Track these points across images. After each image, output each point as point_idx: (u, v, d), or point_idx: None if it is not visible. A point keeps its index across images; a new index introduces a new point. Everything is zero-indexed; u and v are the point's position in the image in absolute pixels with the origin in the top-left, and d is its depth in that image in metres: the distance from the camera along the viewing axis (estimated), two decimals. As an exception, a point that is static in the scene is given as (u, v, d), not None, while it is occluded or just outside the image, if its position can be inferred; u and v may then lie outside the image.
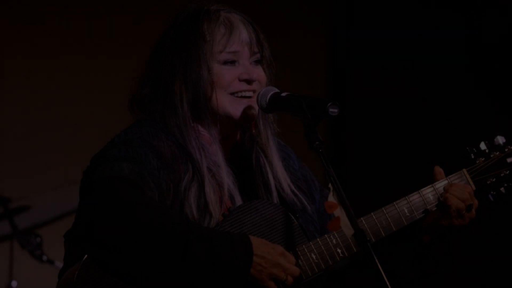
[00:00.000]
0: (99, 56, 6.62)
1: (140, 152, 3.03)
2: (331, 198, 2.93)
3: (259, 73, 3.25)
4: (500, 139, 3.39)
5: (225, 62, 3.22)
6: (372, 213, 3.24)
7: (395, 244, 3.33)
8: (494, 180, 3.36)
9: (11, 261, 5.95)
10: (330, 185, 2.93)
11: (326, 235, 3.17)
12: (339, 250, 3.16)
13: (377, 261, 2.81)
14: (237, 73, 3.22)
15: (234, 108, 3.21)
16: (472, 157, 3.38)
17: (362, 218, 3.22)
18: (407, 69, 6.85)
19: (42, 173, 6.47)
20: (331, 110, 3.00)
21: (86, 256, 2.93)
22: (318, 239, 3.16)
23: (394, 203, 3.27)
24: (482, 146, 3.39)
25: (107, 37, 6.64)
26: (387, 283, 2.80)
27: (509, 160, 3.37)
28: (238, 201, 3.18)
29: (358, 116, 7.03)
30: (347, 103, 7.00)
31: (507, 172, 3.36)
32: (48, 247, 5.85)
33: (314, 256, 3.14)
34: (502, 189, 3.37)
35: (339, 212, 2.92)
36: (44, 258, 5.82)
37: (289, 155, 3.42)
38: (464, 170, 3.35)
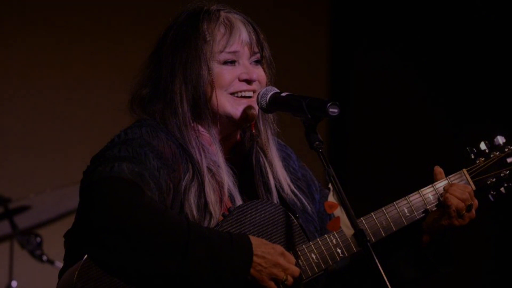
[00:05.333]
0: (99, 56, 6.62)
1: (140, 152, 3.02)
2: (331, 198, 2.93)
3: (259, 73, 3.25)
4: (500, 139, 3.39)
5: (225, 62, 3.22)
6: (372, 213, 3.24)
7: (395, 244, 3.33)
8: (494, 180, 3.36)
9: (11, 261, 5.95)
10: (330, 185, 2.93)
11: (326, 235, 3.17)
12: (339, 250, 3.16)
13: (377, 261, 2.81)
14: (237, 73, 3.22)
15: (234, 108, 3.21)
16: (472, 157, 3.38)
17: (362, 218, 3.22)
18: (407, 69, 6.85)
19: (42, 173, 6.47)
20: (331, 110, 2.99)
21: (86, 256, 2.93)
22: (318, 239, 3.16)
23: (394, 203, 3.27)
24: (482, 146, 3.39)
25: (107, 37, 6.64)
26: (387, 283, 2.80)
27: (509, 160, 3.37)
28: (238, 201, 3.18)
29: (358, 116, 7.03)
30: (347, 103, 7.00)
31: (507, 172, 3.36)
32: (48, 247, 5.84)
33: (314, 256, 3.14)
34: (502, 189, 3.37)
35: (339, 212, 2.92)
36: (44, 258, 5.81)
37: (289, 155, 3.42)
38: (464, 170, 3.35)
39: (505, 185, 3.37)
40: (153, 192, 2.96)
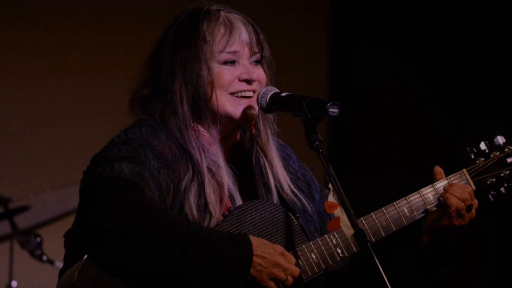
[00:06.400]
0: (99, 56, 6.62)
1: (140, 152, 3.02)
2: (331, 198, 2.93)
3: (259, 73, 3.25)
4: (500, 139, 3.39)
5: (225, 62, 3.22)
6: (372, 213, 3.24)
7: (395, 244, 3.32)
8: (494, 180, 3.36)
9: (11, 261, 5.95)
10: (330, 185, 2.93)
11: (326, 235, 3.17)
12: (339, 250, 3.16)
13: (377, 261, 2.81)
14: (237, 73, 3.22)
15: (234, 108, 3.21)
16: (472, 157, 3.38)
17: (362, 218, 3.22)
18: (407, 69, 6.85)
19: (42, 173, 6.47)
20: (331, 110, 2.99)
21: (86, 256, 2.93)
22: (318, 239, 3.16)
23: (394, 203, 3.27)
24: (482, 146, 3.39)
25: (107, 37, 6.64)
26: (387, 283, 2.80)
27: (509, 160, 3.37)
28: (238, 201, 3.18)
29: (358, 116, 7.03)
30: (347, 103, 7.00)
31: (507, 172, 3.36)
32: (48, 247, 5.84)
33: (314, 256, 3.14)
34: (502, 189, 3.37)
35: (339, 212, 2.92)
36: (44, 258, 5.81)
37: (289, 155, 3.42)
38: (464, 170, 3.35)
39: (505, 185, 3.37)
40: (153, 192, 2.96)
